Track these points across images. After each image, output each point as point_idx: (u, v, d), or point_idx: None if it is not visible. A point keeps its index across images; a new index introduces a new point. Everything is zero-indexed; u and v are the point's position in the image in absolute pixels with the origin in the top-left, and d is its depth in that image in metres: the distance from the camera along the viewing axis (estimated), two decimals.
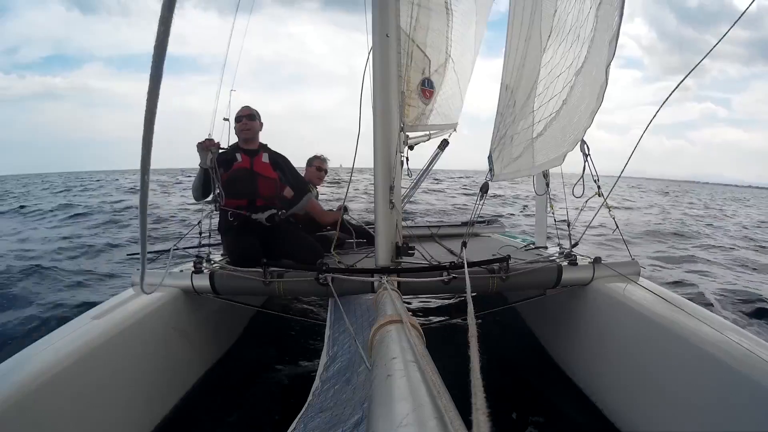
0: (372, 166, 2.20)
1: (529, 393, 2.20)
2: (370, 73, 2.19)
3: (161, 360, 1.98)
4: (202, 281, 2.13)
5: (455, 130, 3.74)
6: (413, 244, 2.48)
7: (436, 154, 3.60)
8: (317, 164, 3.54)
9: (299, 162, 3.44)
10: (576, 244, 2.42)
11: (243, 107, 2.80)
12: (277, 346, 2.71)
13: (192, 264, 2.30)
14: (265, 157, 2.73)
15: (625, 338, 1.93)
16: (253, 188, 2.64)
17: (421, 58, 3.47)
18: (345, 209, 3.33)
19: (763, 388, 1.31)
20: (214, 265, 2.34)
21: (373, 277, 1.98)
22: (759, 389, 1.32)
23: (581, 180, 2.17)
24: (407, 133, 3.46)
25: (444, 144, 3.59)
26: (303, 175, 3.45)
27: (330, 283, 1.97)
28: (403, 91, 3.04)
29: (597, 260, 2.23)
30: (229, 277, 2.14)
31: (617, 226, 2.26)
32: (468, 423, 0.62)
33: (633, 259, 2.27)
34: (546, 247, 3.00)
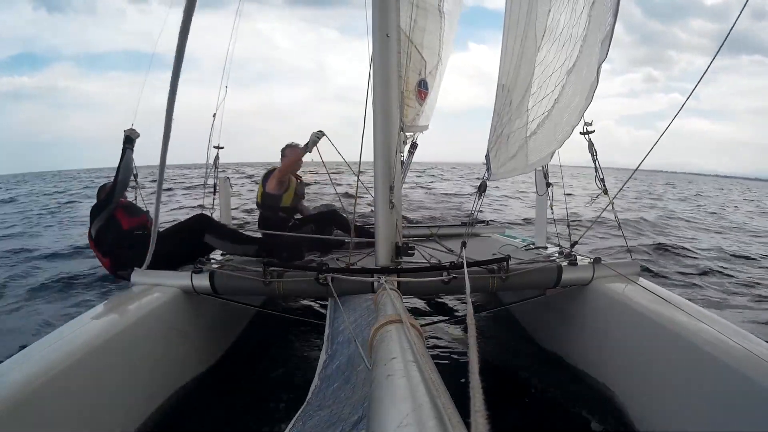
0: (341, 161, 2.21)
1: (529, 393, 2.20)
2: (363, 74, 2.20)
3: (161, 360, 1.98)
4: (202, 281, 2.13)
5: (422, 132, 3.81)
6: (413, 244, 2.48)
7: (409, 158, 3.65)
8: (289, 153, 3.51)
9: (270, 157, 3.43)
10: (575, 244, 2.43)
11: None
12: (276, 346, 2.72)
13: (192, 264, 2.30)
14: None
15: (625, 338, 1.93)
16: None
17: (418, 60, 3.50)
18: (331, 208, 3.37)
19: (763, 388, 1.31)
20: (213, 265, 2.34)
21: (373, 277, 1.98)
22: (759, 389, 1.32)
23: (595, 178, 2.20)
24: (406, 134, 3.48)
25: (414, 147, 3.64)
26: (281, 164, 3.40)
27: (330, 283, 1.97)
28: (402, 91, 3.06)
29: (597, 260, 2.23)
30: (229, 277, 2.14)
31: (619, 226, 2.27)
32: (468, 424, 0.62)
33: (633, 259, 2.28)
34: (546, 247, 3.00)
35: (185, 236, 2.72)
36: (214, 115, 3.06)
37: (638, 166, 2.03)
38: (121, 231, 2.65)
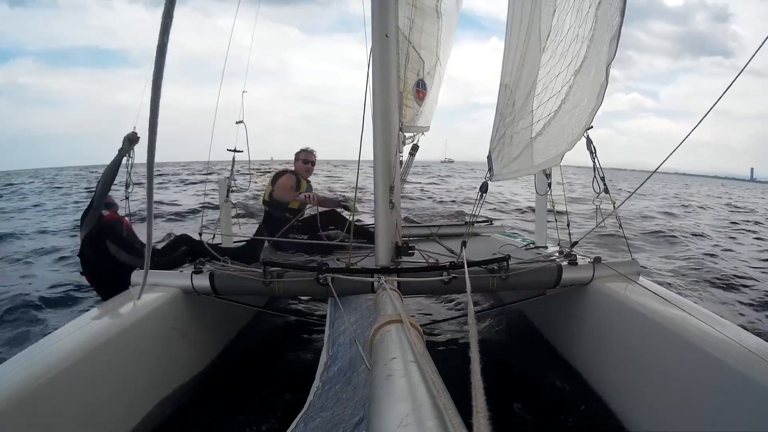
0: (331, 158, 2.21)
1: (529, 393, 2.20)
2: (362, 73, 2.20)
3: (161, 360, 1.98)
4: (202, 281, 2.13)
5: (423, 134, 3.78)
6: (413, 244, 2.48)
7: (409, 160, 3.62)
8: (303, 157, 3.56)
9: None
10: (576, 243, 2.43)
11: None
12: (276, 346, 2.71)
13: (192, 264, 2.30)
14: None
15: (626, 338, 1.93)
16: None
17: (416, 59, 3.51)
18: (349, 207, 3.38)
19: (763, 388, 1.31)
20: (214, 265, 2.33)
21: (372, 277, 1.98)
22: (759, 389, 1.32)
23: (594, 179, 2.19)
24: (405, 134, 3.48)
25: (415, 149, 3.62)
26: (296, 169, 3.51)
27: (330, 283, 1.97)
28: (401, 91, 3.06)
29: (597, 260, 2.22)
30: (229, 277, 2.14)
31: (620, 225, 2.27)
32: (469, 424, 0.62)
33: (633, 258, 2.28)
34: (546, 247, 3.00)
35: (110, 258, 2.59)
36: (239, 122, 3.11)
37: (655, 170, 2.03)
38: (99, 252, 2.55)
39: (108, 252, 2.54)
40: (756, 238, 8.39)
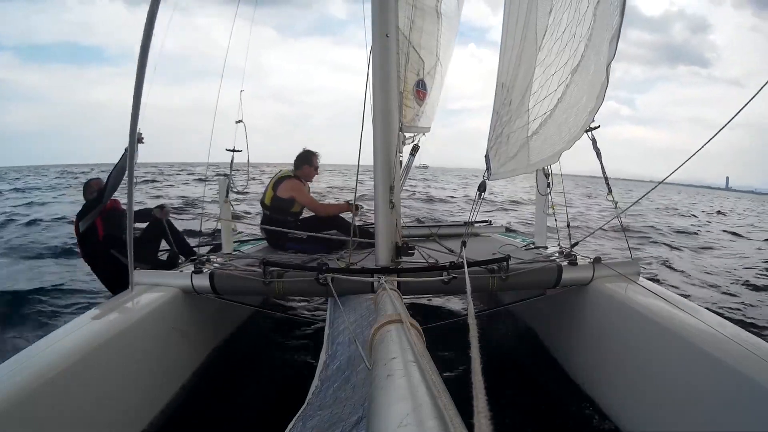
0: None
1: (530, 393, 2.20)
2: (361, 74, 2.21)
3: (161, 359, 1.98)
4: (202, 281, 2.13)
5: (424, 134, 3.77)
6: (413, 244, 2.48)
7: (410, 161, 3.62)
8: (317, 164, 3.58)
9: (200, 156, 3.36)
10: (576, 244, 2.43)
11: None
12: (276, 346, 2.71)
13: (192, 264, 2.30)
14: None
15: (626, 338, 1.93)
16: None
17: (416, 60, 3.51)
18: (357, 208, 3.38)
19: (762, 388, 1.31)
20: (214, 265, 2.33)
21: (372, 277, 1.98)
22: (758, 389, 1.32)
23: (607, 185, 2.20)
24: (405, 134, 3.48)
25: (416, 149, 3.61)
26: (302, 173, 3.47)
27: (330, 283, 1.97)
28: (401, 91, 3.06)
29: (597, 260, 2.22)
30: (229, 276, 2.14)
31: (622, 226, 2.27)
32: (469, 424, 0.62)
33: (633, 259, 2.28)
34: (546, 247, 2.99)
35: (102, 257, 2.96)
36: (239, 121, 3.14)
37: (663, 180, 2.02)
38: (97, 242, 2.89)
39: (119, 260, 2.82)
40: None
